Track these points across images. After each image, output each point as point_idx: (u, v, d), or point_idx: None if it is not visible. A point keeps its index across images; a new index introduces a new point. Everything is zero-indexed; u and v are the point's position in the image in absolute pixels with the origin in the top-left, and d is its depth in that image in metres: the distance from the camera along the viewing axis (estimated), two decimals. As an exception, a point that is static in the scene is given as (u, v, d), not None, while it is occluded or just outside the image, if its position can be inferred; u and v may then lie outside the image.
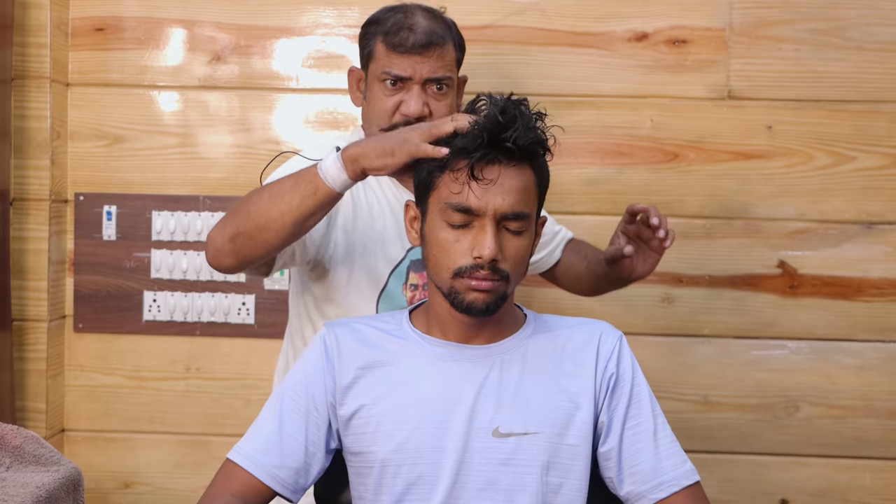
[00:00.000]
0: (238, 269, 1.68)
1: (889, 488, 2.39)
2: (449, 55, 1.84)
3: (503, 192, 1.44)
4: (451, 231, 1.46)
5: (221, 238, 1.64)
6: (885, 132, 2.37)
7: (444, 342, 1.53)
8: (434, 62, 1.81)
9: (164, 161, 2.45)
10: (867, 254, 2.38)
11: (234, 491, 1.49)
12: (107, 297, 2.45)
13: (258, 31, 2.44)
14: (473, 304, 1.46)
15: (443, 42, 1.82)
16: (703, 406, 2.41)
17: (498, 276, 1.46)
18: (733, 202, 2.39)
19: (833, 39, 2.37)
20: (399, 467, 1.48)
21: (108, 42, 2.44)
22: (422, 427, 1.48)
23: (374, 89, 1.84)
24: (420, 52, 1.80)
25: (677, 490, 1.51)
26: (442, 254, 1.47)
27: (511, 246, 1.47)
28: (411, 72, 1.80)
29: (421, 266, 1.84)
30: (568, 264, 2.10)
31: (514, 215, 1.45)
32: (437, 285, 1.51)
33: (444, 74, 1.82)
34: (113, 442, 2.47)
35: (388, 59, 1.81)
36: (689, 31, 2.38)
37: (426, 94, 1.82)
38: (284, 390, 1.55)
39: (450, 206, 1.45)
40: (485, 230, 1.44)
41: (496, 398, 1.49)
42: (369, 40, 1.85)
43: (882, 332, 2.39)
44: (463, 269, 1.45)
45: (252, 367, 2.45)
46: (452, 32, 1.86)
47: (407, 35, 1.80)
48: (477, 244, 1.44)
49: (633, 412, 1.53)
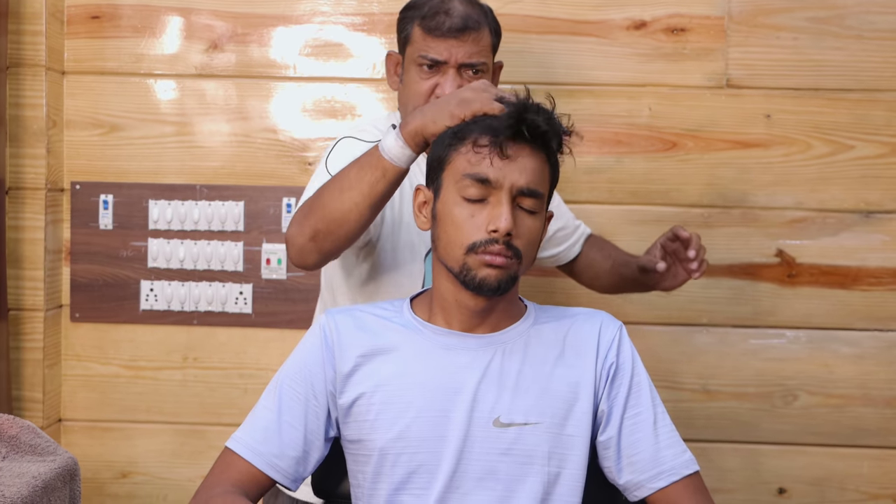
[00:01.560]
0: (322, 264, 1.72)
1: (886, 476, 2.40)
2: (484, 40, 1.85)
3: (521, 169, 1.46)
4: (466, 206, 1.46)
5: (302, 238, 1.67)
6: (883, 121, 2.37)
7: (446, 331, 1.53)
8: (470, 46, 1.82)
9: (161, 150, 2.44)
10: (865, 243, 2.38)
11: (232, 480, 1.49)
12: (103, 286, 2.45)
13: (255, 20, 2.42)
14: (485, 280, 1.46)
15: (478, 27, 1.83)
16: (702, 395, 2.41)
17: (511, 253, 1.45)
18: (732, 191, 2.39)
19: (831, 28, 2.36)
20: (399, 456, 1.48)
21: (104, 30, 2.43)
22: (423, 416, 1.48)
23: (411, 72, 1.86)
24: (456, 36, 1.81)
25: (676, 479, 1.51)
26: (455, 230, 1.47)
27: (525, 225, 1.47)
28: (447, 55, 1.82)
29: None
30: (589, 259, 2.13)
31: (529, 191, 1.46)
32: (447, 266, 1.50)
33: (479, 59, 1.83)
34: (110, 431, 2.47)
35: (425, 43, 1.83)
36: (687, 19, 2.38)
37: (461, 77, 1.83)
38: (283, 379, 1.55)
39: (468, 176, 1.46)
40: (501, 203, 1.45)
41: (497, 388, 1.49)
42: (406, 24, 1.87)
43: (879, 321, 2.39)
44: (477, 243, 1.45)
45: (249, 357, 2.45)
46: (488, 18, 1.87)
47: (444, 19, 1.81)
48: (493, 218, 1.44)
49: (632, 402, 1.53)
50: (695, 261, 1.84)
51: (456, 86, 1.81)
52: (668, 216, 2.38)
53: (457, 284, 1.49)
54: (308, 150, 2.43)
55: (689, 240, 1.84)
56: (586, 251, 2.15)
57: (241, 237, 2.43)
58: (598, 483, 1.56)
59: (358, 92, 2.42)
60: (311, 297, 2.41)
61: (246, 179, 2.43)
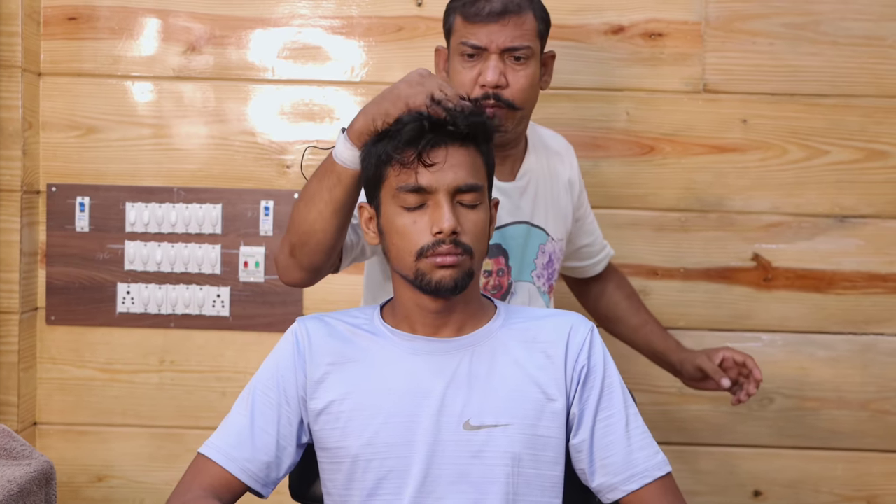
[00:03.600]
0: (310, 280, 1.70)
1: (860, 479, 2.41)
2: (527, 24, 1.79)
3: (453, 169, 1.46)
4: (407, 214, 1.47)
5: (283, 256, 1.68)
6: (858, 126, 2.38)
7: (412, 336, 1.53)
8: (511, 30, 1.77)
9: (138, 152, 2.43)
10: (840, 247, 2.40)
11: (204, 485, 1.49)
12: (80, 289, 2.44)
13: (233, 22, 2.42)
14: (441, 282, 1.46)
15: (520, 10, 1.78)
16: (678, 398, 2.42)
17: (461, 250, 1.46)
18: (708, 195, 2.40)
19: (807, 34, 2.38)
20: (369, 462, 1.48)
21: (80, 31, 2.42)
22: (390, 421, 1.48)
23: (455, 63, 1.83)
24: (496, 21, 1.77)
25: (649, 481, 1.51)
26: (402, 239, 1.47)
27: (469, 220, 1.47)
28: (487, 41, 1.78)
29: (493, 251, 1.85)
30: (611, 299, 2.17)
31: (466, 187, 1.47)
32: (402, 275, 1.50)
33: (521, 44, 1.78)
34: (86, 435, 2.46)
35: (466, 30, 1.80)
36: (664, 24, 2.39)
37: (504, 63, 1.78)
38: (256, 384, 1.55)
39: (402, 189, 1.46)
40: (440, 204, 1.45)
41: (466, 390, 1.49)
42: (449, 15, 1.85)
43: (854, 325, 2.41)
44: (425, 247, 1.46)
45: (227, 360, 2.44)
46: (533, 4, 1.82)
47: (483, 4, 1.77)
48: (435, 220, 1.45)
49: (604, 404, 1.53)
50: (747, 394, 1.96)
51: (498, 72, 1.78)
52: (645, 220, 2.39)
53: (415, 290, 1.50)
54: (286, 152, 2.43)
55: (755, 381, 1.95)
56: (611, 291, 2.18)
57: (218, 240, 2.42)
58: (572, 485, 1.56)
59: (336, 95, 2.42)
60: (288, 301, 2.40)
61: (224, 182, 2.43)
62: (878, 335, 2.41)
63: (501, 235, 1.87)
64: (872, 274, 2.40)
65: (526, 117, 1.87)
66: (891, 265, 2.40)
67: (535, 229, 1.92)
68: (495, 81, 1.78)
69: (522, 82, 1.80)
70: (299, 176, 2.41)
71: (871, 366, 2.41)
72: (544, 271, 1.94)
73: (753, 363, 1.97)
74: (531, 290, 1.92)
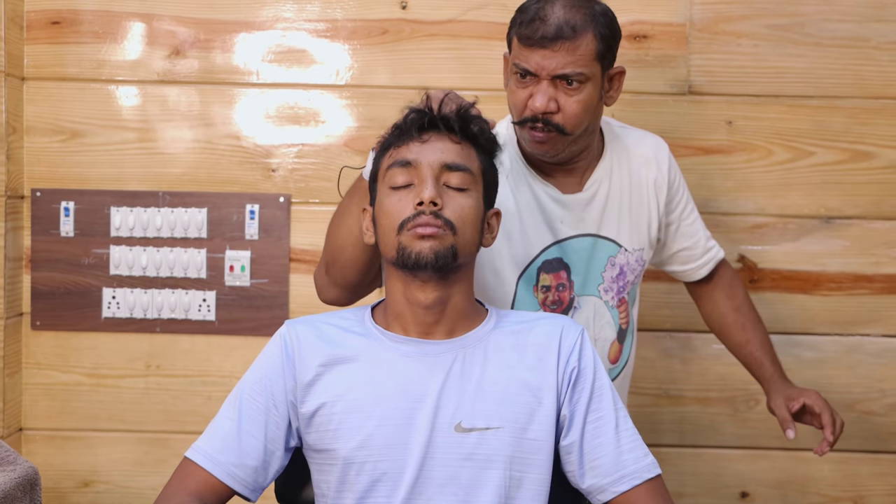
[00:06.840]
0: (348, 297, 1.75)
1: (847, 479, 2.42)
2: (583, 48, 1.71)
3: (440, 149, 1.50)
4: (394, 193, 1.50)
5: (320, 274, 1.73)
6: (842, 127, 2.39)
7: (404, 338, 1.53)
8: (563, 57, 1.70)
9: (123, 156, 2.42)
10: (825, 248, 2.41)
11: (190, 490, 1.48)
12: (65, 294, 2.42)
13: (218, 25, 2.41)
14: (421, 254, 1.46)
15: (574, 35, 1.70)
16: (665, 400, 2.42)
17: (441, 222, 1.46)
18: (694, 197, 2.38)
19: (791, 35, 2.39)
20: (363, 464, 1.48)
21: (64, 35, 2.41)
22: (385, 423, 1.48)
23: (511, 81, 1.80)
24: (547, 46, 1.70)
25: (638, 483, 1.52)
26: (387, 217, 1.50)
27: (454, 200, 1.49)
28: (537, 67, 1.72)
29: (553, 266, 1.83)
30: (719, 309, 2.08)
31: (454, 166, 1.49)
32: (389, 259, 1.51)
33: (573, 70, 1.71)
34: (71, 440, 2.44)
35: (519, 52, 1.75)
36: (649, 26, 2.39)
37: (556, 89, 1.73)
38: (243, 388, 1.54)
39: (391, 166, 1.51)
40: (424, 179, 1.48)
41: (458, 393, 1.49)
42: (511, 29, 1.79)
43: (840, 326, 2.42)
44: (406, 219, 1.47)
45: (213, 364, 2.43)
46: (596, 21, 1.73)
47: (537, 27, 1.71)
48: (418, 193, 1.48)
49: (594, 406, 1.53)
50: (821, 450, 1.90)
51: (547, 98, 1.71)
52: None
53: (403, 279, 1.50)
54: (271, 156, 2.42)
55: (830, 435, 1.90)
56: (718, 300, 2.08)
57: (204, 244, 2.42)
58: (562, 487, 1.57)
59: (321, 98, 2.42)
60: (274, 305, 2.40)
61: (209, 186, 2.42)
62: (864, 336, 2.42)
63: (562, 249, 1.84)
64: (858, 275, 2.41)
65: (582, 137, 1.80)
66: (876, 266, 2.41)
67: (602, 241, 1.87)
68: (543, 108, 1.73)
69: (574, 108, 1.74)
70: (284, 179, 2.41)
71: (857, 367, 2.42)
72: (613, 284, 1.89)
73: (829, 419, 1.89)
74: (597, 304, 1.88)
